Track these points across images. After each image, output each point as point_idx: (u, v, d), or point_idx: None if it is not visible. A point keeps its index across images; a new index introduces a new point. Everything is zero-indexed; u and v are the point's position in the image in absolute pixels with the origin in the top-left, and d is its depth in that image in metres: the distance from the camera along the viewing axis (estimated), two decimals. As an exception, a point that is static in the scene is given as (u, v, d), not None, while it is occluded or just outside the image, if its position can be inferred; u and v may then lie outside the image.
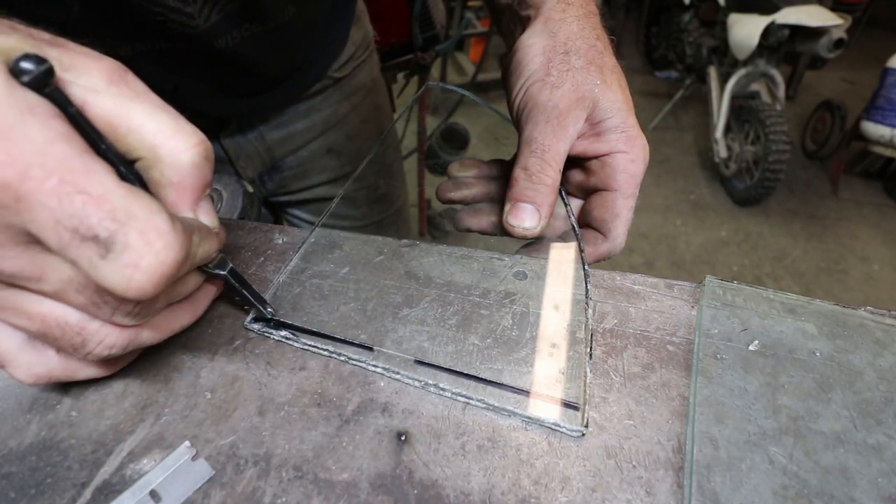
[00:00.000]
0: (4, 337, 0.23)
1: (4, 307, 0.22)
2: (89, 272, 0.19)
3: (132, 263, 0.19)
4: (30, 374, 0.24)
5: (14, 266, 0.20)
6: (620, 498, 0.26)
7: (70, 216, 0.18)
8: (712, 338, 0.33)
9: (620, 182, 0.37)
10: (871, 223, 2.40)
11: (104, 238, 0.19)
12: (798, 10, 2.21)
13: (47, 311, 0.22)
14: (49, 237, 0.18)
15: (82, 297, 0.21)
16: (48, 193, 0.18)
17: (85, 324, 0.23)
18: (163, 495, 0.25)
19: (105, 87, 0.21)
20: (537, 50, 0.38)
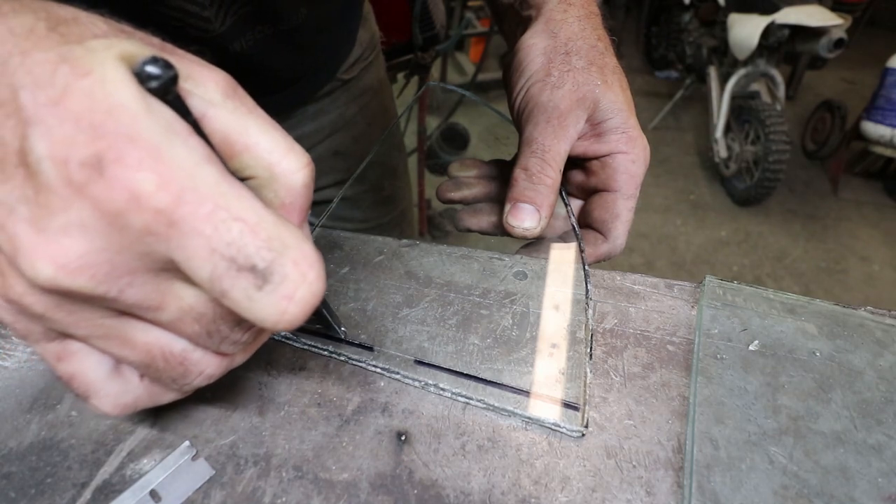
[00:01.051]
0: (93, 366, 0.22)
1: (110, 336, 0.20)
2: (240, 304, 0.18)
3: (288, 295, 0.18)
4: (116, 405, 0.23)
5: (139, 295, 0.18)
6: (620, 498, 0.26)
7: (227, 244, 0.17)
8: (712, 338, 0.33)
9: (621, 183, 0.37)
10: (871, 223, 2.40)
11: (262, 269, 0.17)
12: (798, 10, 2.21)
13: (153, 341, 0.20)
14: (199, 266, 0.17)
15: (197, 327, 0.20)
16: (204, 220, 0.16)
17: (188, 354, 0.21)
18: (163, 495, 0.25)
19: (221, 101, 0.20)
20: (538, 50, 0.38)
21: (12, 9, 0.18)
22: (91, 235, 0.16)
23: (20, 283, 0.17)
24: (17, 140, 0.16)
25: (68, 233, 0.16)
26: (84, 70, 0.16)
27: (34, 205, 0.16)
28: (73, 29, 0.18)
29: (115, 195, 0.16)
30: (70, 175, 0.16)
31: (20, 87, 0.16)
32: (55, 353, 0.21)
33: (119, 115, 0.16)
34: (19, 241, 0.16)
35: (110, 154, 0.16)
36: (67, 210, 0.16)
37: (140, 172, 0.16)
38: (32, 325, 0.20)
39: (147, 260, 0.17)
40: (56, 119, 0.16)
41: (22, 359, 0.32)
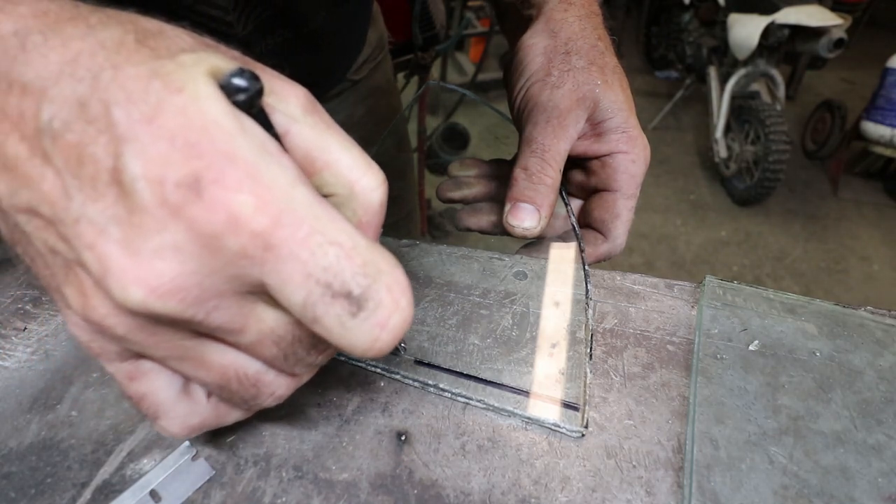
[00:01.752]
0: (164, 386, 0.21)
1: (187, 357, 0.19)
2: (332, 331, 0.17)
3: (381, 323, 0.17)
4: (184, 427, 0.22)
5: (223, 318, 0.18)
6: (620, 498, 0.26)
7: (324, 270, 0.16)
8: (712, 338, 0.33)
9: (621, 182, 0.37)
10: (871, 223, 2.40)
11: (357, 295, 0.17)
12: (798, 10, 2.21)
13: (229, 363, 0.20)
14: (293, 291, 0.16)
15: (275, 350, 0.20)
16: (300, 244, 0.16)
17: (261, 375, 0.21)
18: (163, 495, 0.25)
19: (302, 116, 0.20)
20: (538, 50, 0.38)
21: (100, 20, 0.17)
22: (184, 258, 0.16)
23: (105, 305, 0.17)
24: (111, 158, 0.15)
25: (162, 255, 0.16)
26: (176, 86, 0.16)
27: (126, 225, 0.16)
28: (161, 42, 0.17)
29: (213, 217, 0.15)
30: (165, 195, 0.15)
31: (113, 102, 0.15)
32: (127, 373, 0.20)
33: (215, 134, 0.15)
34: (110, 263, 0.16)
35: (208, 174, 0.15)
36: (162, 231, 0.15)
37: (239, 194, 0.15)
38: (109, 346, 0.19)
39: (236, 283, 0.17)
40: (150, 137, 0.15)
41: (22, 359, 0.32)
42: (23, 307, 0.35)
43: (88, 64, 0.16)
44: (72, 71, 0.16)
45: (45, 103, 0.16)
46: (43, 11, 0.17)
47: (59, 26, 0.17)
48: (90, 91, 0.16)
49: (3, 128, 0.16)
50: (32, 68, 0.16)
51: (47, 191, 0.16)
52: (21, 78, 0.16)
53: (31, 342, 0.33)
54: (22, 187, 0.16)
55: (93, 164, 0.16)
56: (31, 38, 0.17)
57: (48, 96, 0.16)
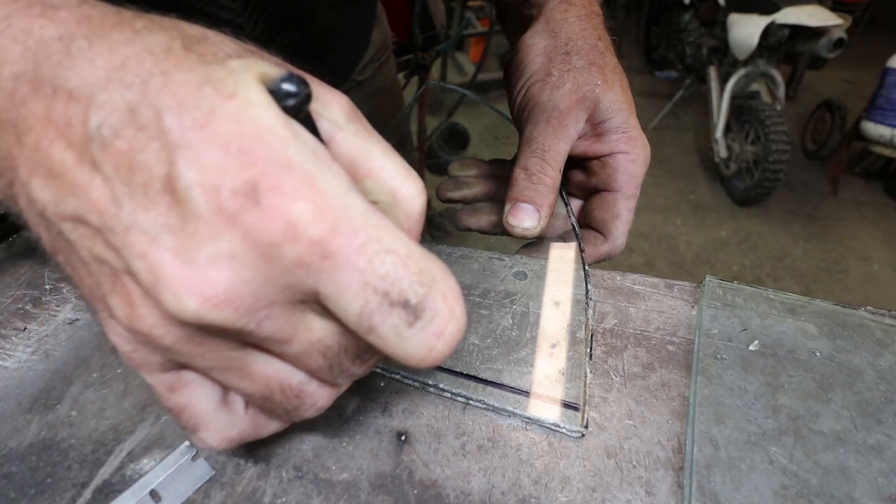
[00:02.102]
0: (204, 398, 0.21)
1: (232, 368, 0.19)
2: (388, 340, 0.17)
3: (438, 332, 0.17)
4: (223, 439, 0.22)
5: (273, 328, 0.17)
6: (620, 498, 0.26)
7: (382, 278, 0.16)
8: (712, 338, 0.33)
9: (621, 183, 0.37)
10: (871, 223, 2.39)
11: (414, 304, 0.16)
12: (798, 10, 2.21)
13: (273, 373, 0.20)
14: (349, 300, 0.16)
15: (321, 360, 0.19)
16: (358, 252, 0.16)
17: (304, 386, 0.21)
18: (163, 495, 0.25)
19: (345, 123, 0.19)
20: (538, 50, 0.38)
21: (145, 26, 0.17)
22: (239, 266, 0.15)
23: (153, 315, 0.17)
24: (163, 165, 0.15)
25: (217, 264, 0.15)
26: (228, 92, 0.15)
27: (180, 233, 0.15)
28: (207, 48, 0.17)
29: (271, 225, 0.15)
30: (221, 203, 0.15)
31: (164, 109, 0.15)
32: (168, 384, 0.20)
33: (269, 141, 0.15)
34: (163, 272, 0.15)
35: (266, 182, 0.15)
36: (217, 240, 0.15)
37: (297, 201, 0.15)
38: (152, 356, 0.19)
39: (289, 292, 0.16)
40: (203, 144, 0.15)
41: (22, 359, 0.32)
42: (23, 307, 0.35)
43: (137, 70, 0.16)
44: (120, 77, 0.16)
45: (93, 110, 0.16)
46: (86, 16, 0.17)
47: (103, 32, 0.17)
48: (140, 97, 0.15)
49: (48, 134, 0.16)
50: (78, 74, 0.16)
51: (96, 199, 0.16)
52: (67, 84, 0.16)
53: (31, 342, 0.33)
54: (69, 195, 0.16)
55: (144, 171, 0.15)
56: (75, 43, 0.16)
57: (96, 103, 0.16)
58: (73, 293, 0.36)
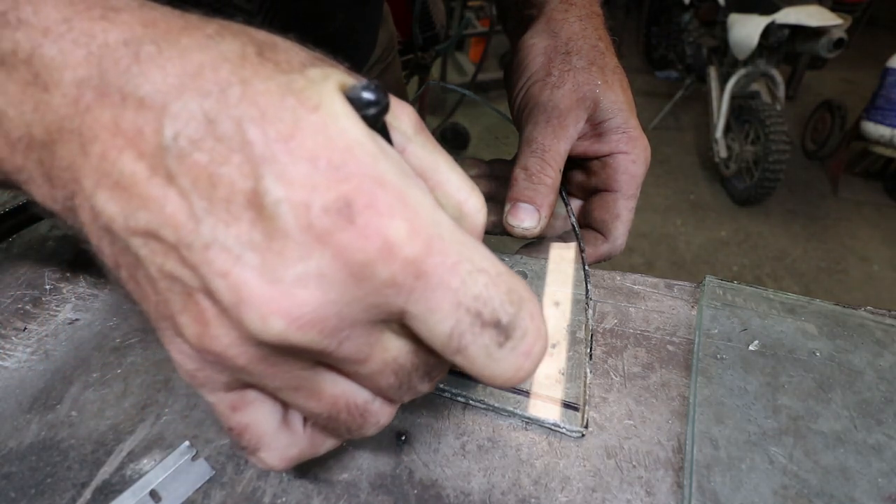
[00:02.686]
0: (266, 417, 0.20)
1: (301, 388, 0.18)
2: (476, 361, 0.16)
3: (526, 351, 0.17)
4: (283, 459, 0.21)
5: (352, 348, 0.17)
6: (620, 498, 0.26)
7: (475, 298, 0.15)
8: (712, 338, 0.33)
9: (621, 183, 0.37)
10: (871, 223, 2.39)
11: (505, 324, 0.16)
12: (798, 9, 2.20)
13: (340, 393, 0.19)
14: (440, 321, 0.16)
15: (393, 379, 0.19)
16: (451, 271, 0.15)
17: (369, 405, 0.20)
18: (163, 495, 0.25)
19: (414, 135, 0.19)
20: (539, 50, 0.38)
21: (215, 31, 0.16)
22: (328, 287, 0.15)
23: (229, 335, 0.16)
24: (247, 180, 0.14)
25: (305, 284, 0.15)
26: (312, 103, 0.15)
27: (265, 251, 0.14)
28: (280, 55, 0.16)
29: (366, 244, 0.14)
30: (311, 221, 0.14)
31: (246, 119, 0.14)
32: (231, 403, 0.19)
33: (359, 155, 0.15)
34: (247, 292, 0.15)
35: (360, 199, 0.14)
36: (306, 259, 0.14)
37: (393, 220, 0.14)
38: (218, 376, 0.18)
39: (374, 312, 0.16)
40: (290, 157, 0.14)
41: (22, 359, 0.32)
42: (23, 307, 0.35)
43: (213, 77, 0.15)
44: (196, 85, 0.15)
45: (168, 119, 0.15)
46: (151, 20, 0.16)
47: (171, 36, 0.16)
48: (218, 107, 0.15)
49: (116, 143, 0.15)
50: (149, 81, 0.15)
51: (171, 213, 0.15)
52: (137, 91, 0.15)
53: (30, 342, 0.33)
54: (140, 209, 0.15)
55: (226, 185, 0.15)
56: (144, 48, 0.15)
57: (171, 111, 0.15)
58: (73, 293, 0.36)
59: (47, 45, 0.16)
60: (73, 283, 0.37)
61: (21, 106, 0.16)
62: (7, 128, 0.17)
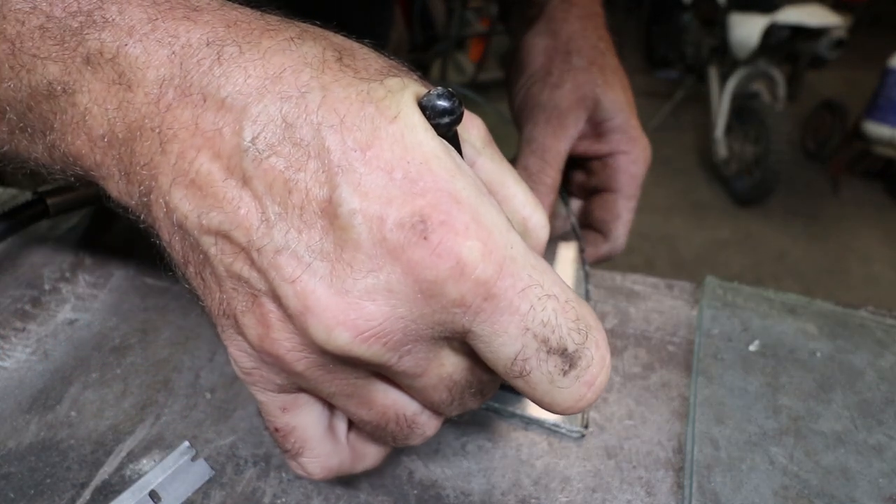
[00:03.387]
0: (314, 422, 0.20)
1: (354, 394, 0.18)
2: (538, 387, 0.16)
3: (590, 381, 0.16)
4: (324, 468, 0.21)
5: (411, 362, 0.16)
6: (620, 498, 0.26)
7: (543, 324, 0.15)
8: (712, 338, 0.33)
9: (622, 183, 0.37)
10: (872, 223, 2.39)
11: (571, 352, 0.16)
12: (798, 9, 2.21)
13: (391, 403, 0.19)
14: (505, 344, 0.15)
15: (445, 395, 0.18)
16: (521, 294, 0.15)
17: (417, 416, 0.20)
18: (162, 495, 0.25)
19: (482, 147, 0.19)
20: (539, 49, 0.38)
21: (296, 34, 0.16)
22: (396, 302, 0.15)
23: (291, 340, 0.16)
24: (323, 187, 0.14)
25: (373, 297, 0.14)
26: (391, 113, 0.14)
27: (335, 261, 0.14)
28: (359, 62, 0.16)
29: (439, 262, 0.14)
30: (384, 234, 0.14)
31: (326, 126, 0.14)
32: (282, 404, 0.19)
33: (436, 169, 0.14)
34: (314, 301, 0.15)
35: (436, 216, 0.14)
36: (375, 272, 0.14)
37: (468, 239, 0.14)
38: (274, 377, 0.18)
39: (438, 329, 0.16)
40: (367, 168, 0.14)
41: (21, 359, 0.32)
42: (22, 307, 0.35)
43: (294, 82, 0.15)
44: (276, 88, 0.15)
45: (247, 121, 0.15)
46: (233, 21, 0.16)
47: (253, 38, 0.16)
48: (298, 111, 0.14)
49: (195, 143, 0.15)
50: (231, 82, 0.15)
51: (244, 215, 0.15)
52: (218, 92, 0.15)
53: (30, 342, 0.33)
54: (213, 208, 0.15)
55: (301, 191, 0.14)
56: (226, 49, 0.15)
57: (250, 114, 0.15)
58: (72, 293, 0.36)
59: (132, 44, 0.16)
60: (73, 284, 0.37)
61: (105, 104, 0.16)
62: (90, 125, 0.17)
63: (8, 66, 0.17)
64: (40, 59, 0.17)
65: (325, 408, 0.20)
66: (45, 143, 0.18)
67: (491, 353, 0.16)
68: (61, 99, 0.17)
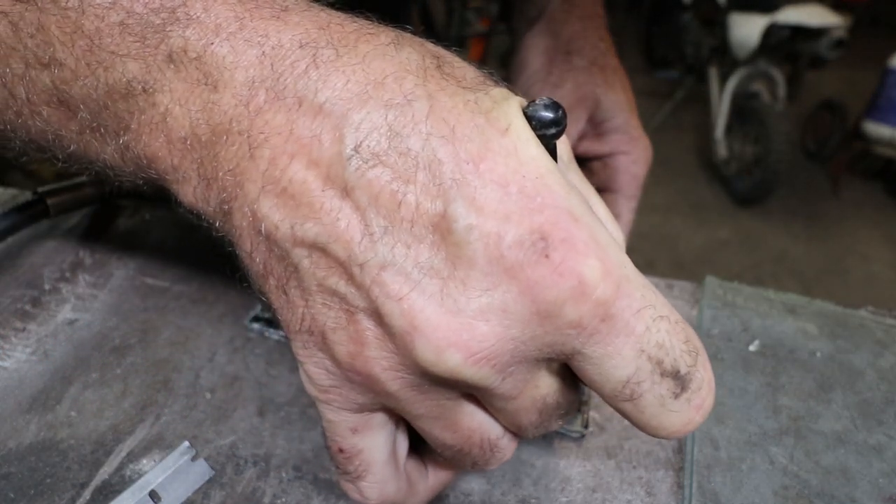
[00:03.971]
0: (382, 446, 0.19)
1: (441, 417, 0.17)
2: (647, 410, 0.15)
3: (699, 404, 0.15)
4: (381, 494, 0.19)
5: (511, 384, 0.16)
6: (621, 498, 0.26)
7: (657, 346, 0.15)
8: (713, 338, 0.33)
9: (622, 183, 0.37)
10: (872, 223, 2.39)
11: (683, 374, 0.15)
12: (799, 9, 2.21)
13: (477, 426, 0.18)
14: (618, 366, 0.14)
15: (535, 417, 0.17)
16: (637, 316, 0.14)
17: (499, 440, 0.19)
18: (162, 495, 0.25)
19: (569, 162, 0.18)
20: (539, 49, 0.38)
21: (392, 39, 0.15)
22: (510, 322, 0.14)
23: (390, 360, 0.15)
24: (435, 201, 0.14)
25: (487, 317, 0.14)
26: (501, 125, 0.14)
27: (447, 279, 0.14)
28: (457, 71, 0.15)
29: (560, 282, 0.13)
30: (502, 251, 0.13)
31: (436, 136, 0.14)
32: (354, 424, 0.18)
33: (551, 185, 0.14)
34: (423, 320, 0.14)
35: (556, 233, 0.13)
36: (490, 291, 0.14)
37: (588, 258, 0.13)
38: (357, 396, 0.17)
39: (546, 351, 0.15)
40: (481, 181, 0.13)
41: (21, 359, 0.32)
42: (22, 307, 0.35)
43: (398, 89, 0.14)
44: (380, 95, 0.14)
45: (349, 129, 0.14)
46: (324, 23, 0.15)
47: (349, 41, 0.15)
48: (405, 120, 0.14)
49: (288, 149, 0.14)
50: (329, 87, 0.14)
51: (344, 229, 0.14)
52: (316, 97, 0.14)
53: (30, 342, 0.33)
54: (309, 219, 0.14)
55: (411, 205, 0.14)
56: (322, 52, 0.15)
57: (352, 121, 0.14)
58: (72, 293, 0.36)
59: (219, 43, 0.15)
60: (73, 284, 0.37)
61: (188, 105, 0.16)
62: (170, 126, 0.16)
63: (85, 62, 0.16)
64: (119, 57, 0.16)
65: (393, 432, 0.19)
66: (118, 143, 0.17)
67: (600, 375, 0.15)
68: (140, 98, 0.16)
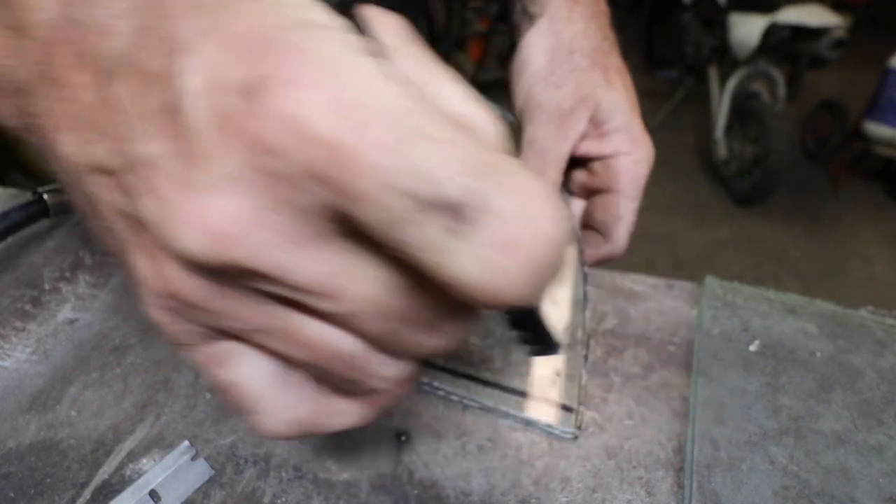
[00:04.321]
0: (257, 374, 0.17)
1: (272, 329, 0.16)
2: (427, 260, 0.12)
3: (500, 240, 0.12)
4: (281, 421, 0.18)
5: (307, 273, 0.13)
6: (621, 498, 0.26)
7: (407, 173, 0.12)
8: (713, 338, 0.33)
9: (623, 184, 0.37)
10: (872, 223, 2.39)
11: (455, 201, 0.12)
12: (799, 9, 2.21)
13: (318, 336, 0.16)
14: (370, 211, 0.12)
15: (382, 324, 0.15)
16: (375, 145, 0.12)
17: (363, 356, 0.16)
18: (162, 495, 0.25)
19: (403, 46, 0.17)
20: (541, 49, 0.38)
21: None
22: (246, 189, 0.12)
23: (171, 265, 0.14)
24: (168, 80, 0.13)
25: (218, 188, 0.12)
26: None
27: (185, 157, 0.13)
28: None
29: (270, 124, 0.11)
30: (224, 110, 0.12)
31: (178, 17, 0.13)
32: (213, 357, 0.17)
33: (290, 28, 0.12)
34: (166, 206, 0.13)
35: (275, 74, 0.12)
36: (219, 158, 0.12)
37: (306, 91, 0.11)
38: (189, 325, 0.16)
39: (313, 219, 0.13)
40: (214, 45, 0.12)
41: (21, 359, 0.32)
42: (22, 307, 0.35)
43: None
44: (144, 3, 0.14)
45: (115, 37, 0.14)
46: None
47: None
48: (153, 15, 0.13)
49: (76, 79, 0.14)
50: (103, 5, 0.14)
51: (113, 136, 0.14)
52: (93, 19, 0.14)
53: (30, 342, 0.33)
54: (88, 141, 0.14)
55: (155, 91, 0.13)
56: None
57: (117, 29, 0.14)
58: (72, 293, 0.36)
59: None
60: (73, 283, 0.37)
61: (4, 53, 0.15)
62: None
63: None
64: None
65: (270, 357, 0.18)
66: None
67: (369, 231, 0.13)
68: None
